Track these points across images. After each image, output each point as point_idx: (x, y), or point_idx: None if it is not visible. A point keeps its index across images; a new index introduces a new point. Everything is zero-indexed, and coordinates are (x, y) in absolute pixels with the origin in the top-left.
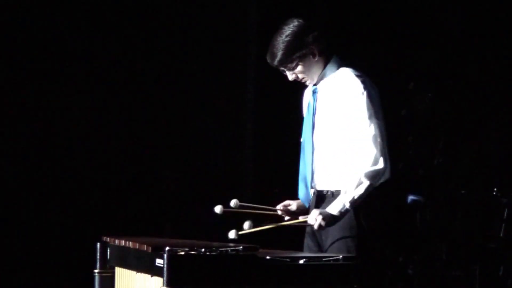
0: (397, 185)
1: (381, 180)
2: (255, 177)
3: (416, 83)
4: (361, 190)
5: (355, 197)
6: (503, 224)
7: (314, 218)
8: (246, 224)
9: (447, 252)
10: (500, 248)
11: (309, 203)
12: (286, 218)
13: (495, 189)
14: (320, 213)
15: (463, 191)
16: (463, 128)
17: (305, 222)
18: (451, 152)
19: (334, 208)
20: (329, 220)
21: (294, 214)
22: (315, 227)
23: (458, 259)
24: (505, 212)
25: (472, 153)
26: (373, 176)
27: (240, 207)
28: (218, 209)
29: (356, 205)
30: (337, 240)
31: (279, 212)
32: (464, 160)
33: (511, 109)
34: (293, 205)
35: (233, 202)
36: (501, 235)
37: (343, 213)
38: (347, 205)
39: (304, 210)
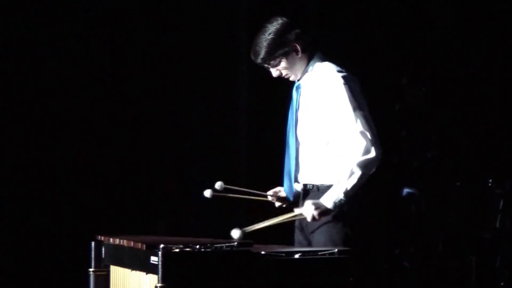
0: (392, 178)
1: (373, 169)
2: (249, 175)
3: (409, 78)
4: (353, 180)
5: (348, 188)
6: (499, 215)
7: (307, 210)
8: (237, 233)
9: (443, 243)
10: (496, 239)
11: (294, 197)
12: (277, 204)
13: (490, 181)
14: (313, 204)
15: (458, 183)
16: (456, 121)
17: (300, 214)
18: (444, 144)
19: (328, 199)
20: (323, 211)
21: (284, 200)
22: (309, 219)
23: (454, 251)
24: (501, 203)
25: (465, 145)
26: (365, 165)
27: (227, 190)
28: (207, 193)
29: (350, 196)
30: (323, 235)
31: (269, 198)
32: (457, 152)
33: (504, 101)
34: (283, 191)
35: (218, 184)
36: (497, 225)
37: (338, 204)
38: (341, 196)
39: (295, 197)
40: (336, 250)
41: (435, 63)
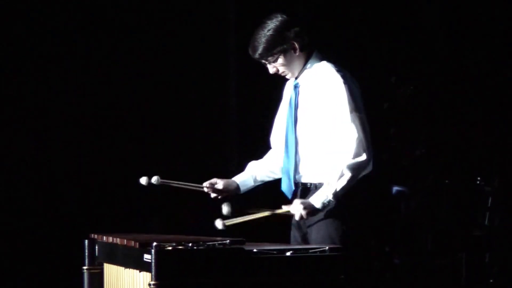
0: (382, 177)
1: (364, 173)
2: (240, 172)
3: (398, 77)
4: (343, 182)
5: (337, 189)
6: (488, 213)
7: (295, 208)
8: (225, 209)
9: (433, 241)
10: (485, 236)
11: (292, 195)
12: (213, 195)
13: (478, 178)
14: (302, 203)
15: (446, 181)
16: (444, 119)
17: (288, 212)
18: (433, 143)
19: (316, 199)
20: (311, 210)
21: (220, 192)
22: (297, 217)
23: (444, 248)
24: (489, 201)
25: (454, 143)
26: (355, 168)
27: (164, 183)
28: (143, 180)
29: (338, 197)
30: (321, 232)
31: (205, 190)
32: (446, 151)
33: (493, 99)
34: (219, 184)
35: (154, 179)
36: (486, 223)
37: (326, 205)
38: (330, 197)
39: (232, 190)
40: (327, 248)
41: (423, 61)
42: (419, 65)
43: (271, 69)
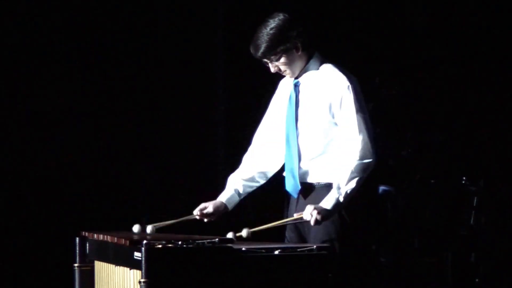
0: (368, 176)
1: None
2: (228, 171)
3: (382, 77)
4: (353, 184)
5: (348, 192)
6: (473, 212)
7: (309, 214)
8: (244, 232)
9: (419, 240)
10: (471, 235)
11: (298, 194)
12: (206, 220)
13: (464, 178)
14: (315, 208)
15: (432, 181)
16: (430, 119)
17: (301, 218)
18: (418, 143)
19: (328, 203)
20: (324, 214)
21: (211, 216)
22: (312, 222)
23: (430, 247)
24: (475, 200)
25: (440, 143)
26: (363, 169)
27: (157, 230)
28: (136, 228)
29: (349, 199)
30: (320, 232)
31: (197, 217)
32: (432, 151)
33: (479, 98)
34: (209, 207)
35: (149, 229)
36: (471, 222)
37: (338, 208)
38: (341, 199)
39: (221, 211)
40: (315, 246)
41: (408, 61)
42: (403, 64)
43: (273, 68)
